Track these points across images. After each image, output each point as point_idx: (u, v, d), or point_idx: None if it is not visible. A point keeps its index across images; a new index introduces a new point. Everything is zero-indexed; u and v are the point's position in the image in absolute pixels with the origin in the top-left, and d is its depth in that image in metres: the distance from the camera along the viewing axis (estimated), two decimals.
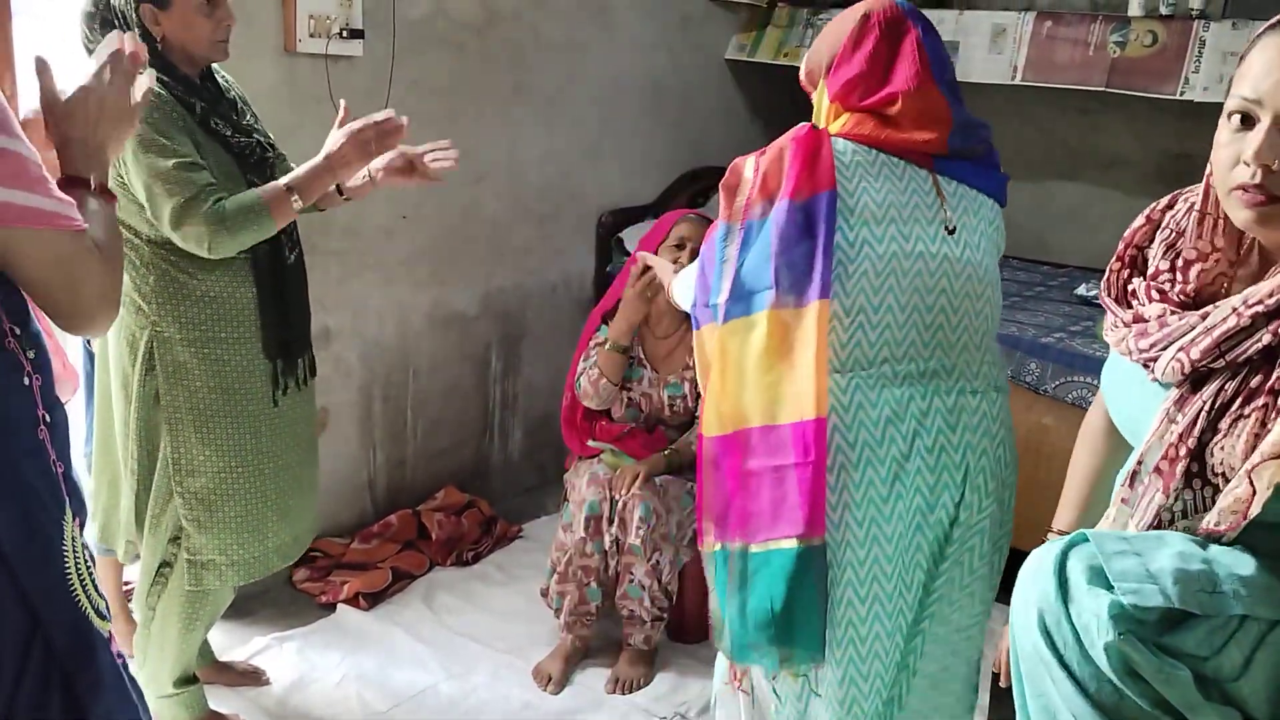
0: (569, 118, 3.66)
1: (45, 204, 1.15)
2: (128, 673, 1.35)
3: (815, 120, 1.78)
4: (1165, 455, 1.18)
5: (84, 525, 1.29)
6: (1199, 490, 1.16)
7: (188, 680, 2.31)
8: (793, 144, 1.67)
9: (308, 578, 3.00)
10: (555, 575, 2.68)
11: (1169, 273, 1.27)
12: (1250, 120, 1.13)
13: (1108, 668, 1.10)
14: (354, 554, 3.11)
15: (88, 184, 1.29)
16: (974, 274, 1.69)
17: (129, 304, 2.07)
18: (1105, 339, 1.35)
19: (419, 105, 3.16)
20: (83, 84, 1.30)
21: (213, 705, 2.37)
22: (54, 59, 1.32)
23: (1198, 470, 1.16)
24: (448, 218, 3.35)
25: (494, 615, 2.93)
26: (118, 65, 1.33)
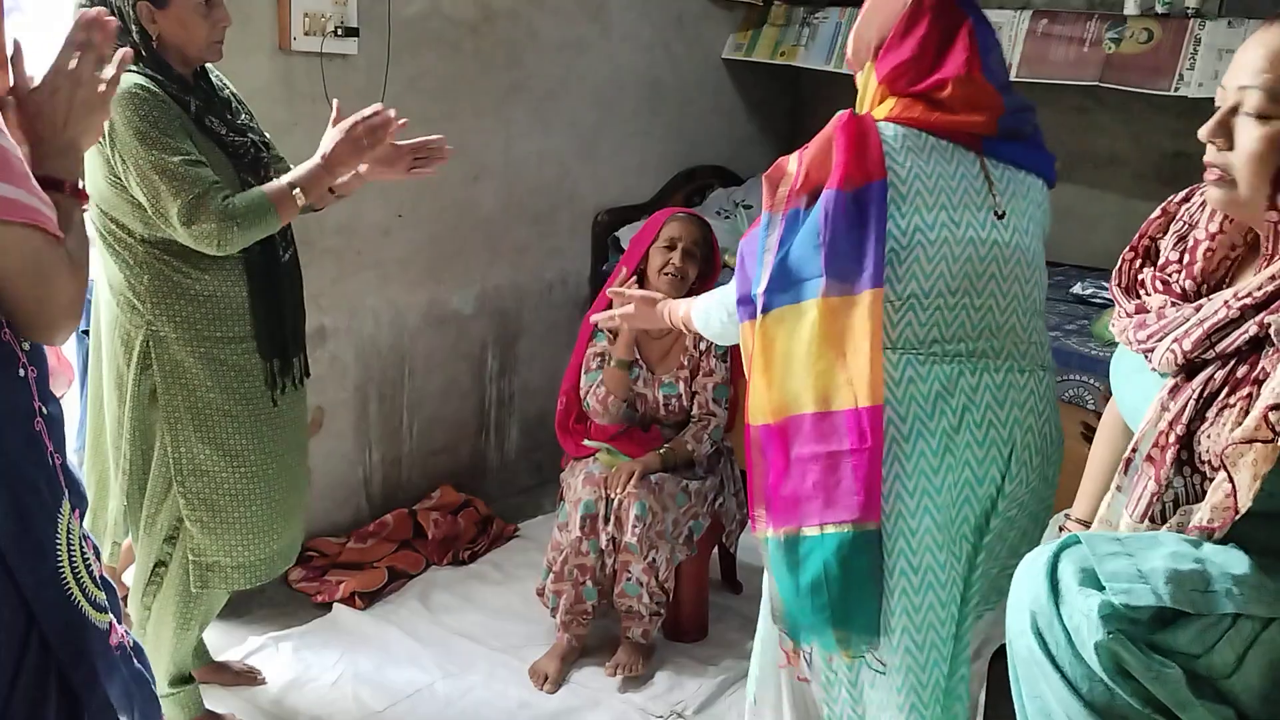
0: (565, 116, 3.65)
1: (27, 199, 1.13)
2: (134, 665, 1.34)
3: (859, 103, 1.77)
4: (1156, 443, 1.20)
5: (84, 517, 1.28)
6: (1189, 478, 1.17)
7: (183, 680, 2.31)
8: (839, 132, 1.67)
9: (303, 577, 3.00)
10: (551, 574, 2.68)
11: (1177, 264, 1.29)
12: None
13: (1098, 667, 1.11)
14: (350, 553, 3.10)
15: (60, 185, 1.25)
16: (1022, 258, 1.71)
17: (124, 303, 2.06)
18: (1104, 334, 1.36)
19: (414, 104, 3.16)
20: (50, 76, 1.25)
21: (208, 705, 2.36)
22: (40, 53, 1.29)
23: (1187, 458, 1.17)
24: (443, 216, 3.34)
25: (490, 614, 2.92)
26: (87, 50, 1.27)
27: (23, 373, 1.19)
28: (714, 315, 1.92)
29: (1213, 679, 1.12)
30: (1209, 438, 1.14)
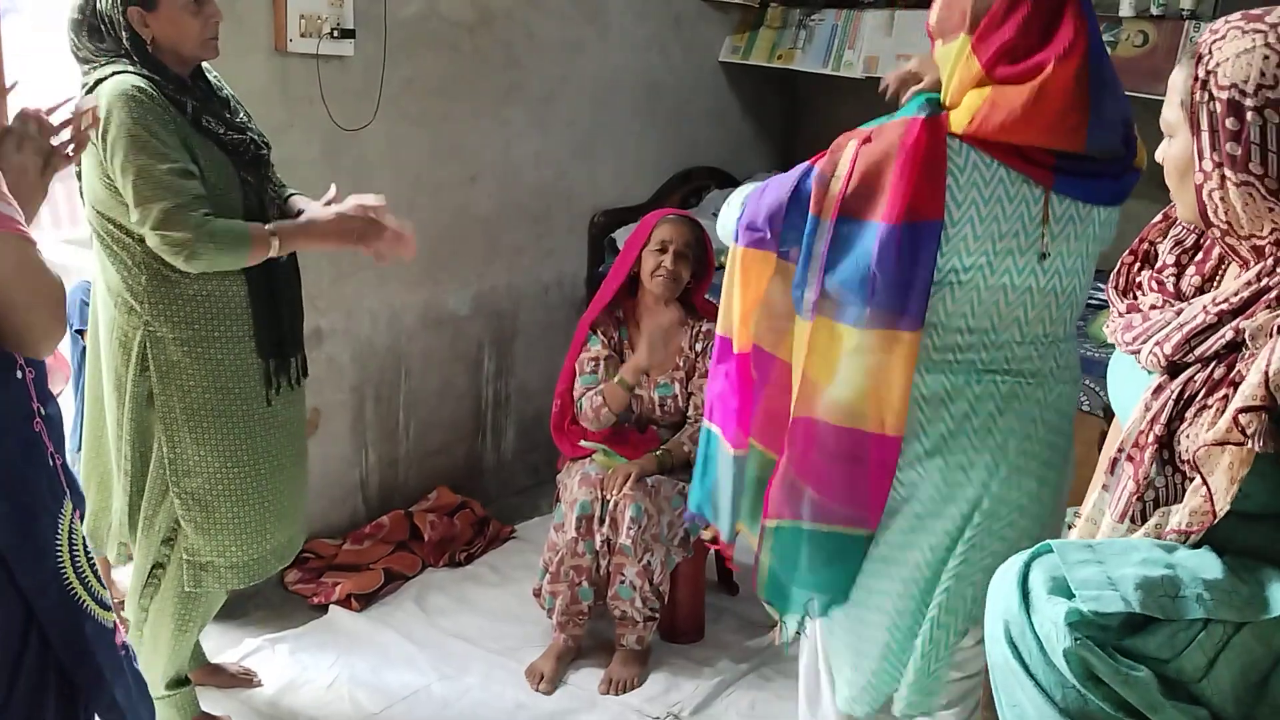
0: (562, 118, 3.65)
1: (6, 209, 1.15)
2: (132, 666, 1.34)
3: (945, 83, 1.68)
4: (1136, 442, 1.22)
5: (84, 516, 1.29)
6: (1170, 477, 1.19)
7: (180, 682, 2.31)
8: (906, 152, 1.62)
9: (299, 579, 2.99)
10: (547, 575, 2.68)
11: (1173, 267, 1.30)
12: None
13: (1069, 674, 1.12)
14: (346, 555, 3.10)
15: None
16: (1054, 300, 1.73)
17: (121, 304, 2.06)
18: (1100, 336, 1.38)
19: (410, 105, 3.16)
20: None
21: (205, 707, 2.36)
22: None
23: (1169, 457, 1.19)
24: (440, 218, 3.34)
25: (487, 616, 2.92)
26: (26, 141, 1.33)
27: (20, 374, 1.20)
28: (730, 223, 1.89)
29: (1184, 683, 1.13)
30: (1188, 437, 1.16)
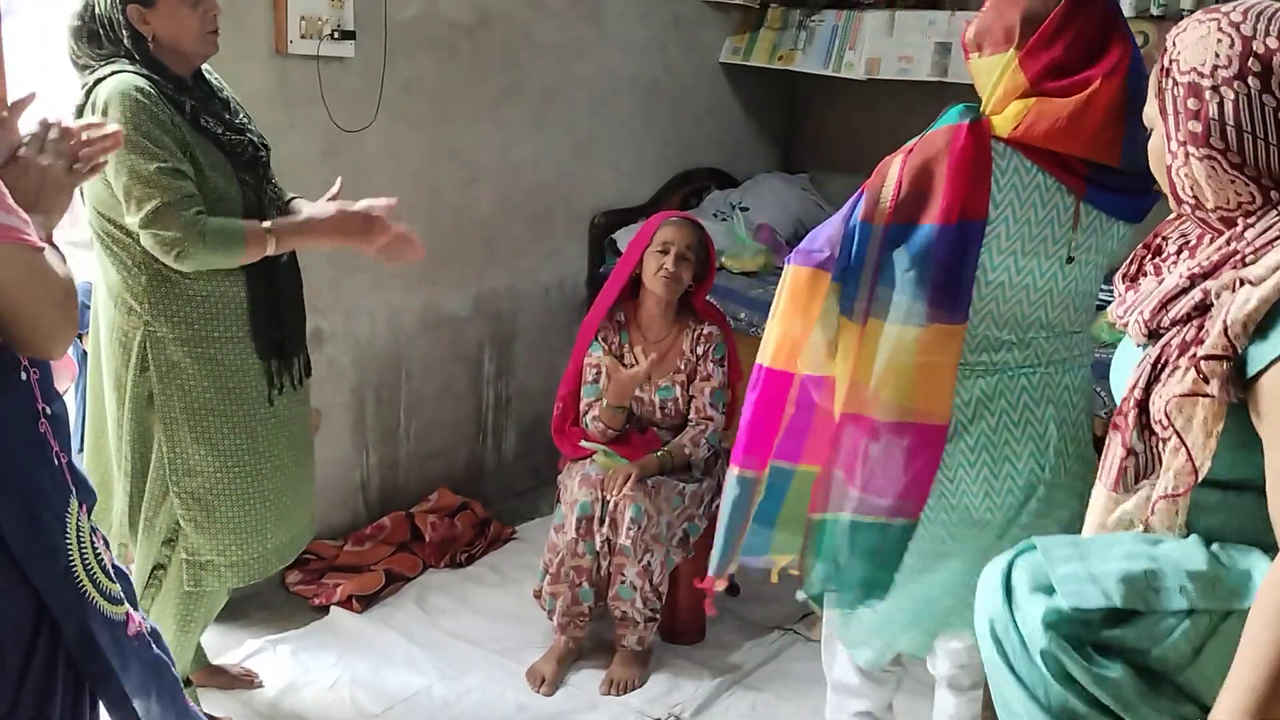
0: (562, 119, 3.65)
1: (9, 219, 1.16)
2: (153, 651, 1.36)
3: (989, 92, 1.73)
4: (1120, 409, 1.24)
5: (91, 511, 1.30)
6: (1148, 441, 1.21)
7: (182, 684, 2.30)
8: (955, 153, 1.67)
9: (301, 580, 2.99)
10: (548, 576, 2.68)
11: (1174, 255, 1.32)
12: None
13: (1046, 673, 1.15)
14: (347, 556, 3.10)
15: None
16: (1073, 299, 1.81)
17: (121, 304, 2.06)
18: (1101, 335, 1.39)
19: (410, 106, 3.16)
20: (22, 161, 1.31)
21: (206, 709, 2.36)
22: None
23: (1145, 422, 1.21)
24: (440, 219, 3.34)
25: (488, 617, 2.92)
26: (46, 139, 1.34)
27: (24, 375, 1.21)
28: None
29: (1168, 673, 1.15)
30: (1160, 397, 1.17)
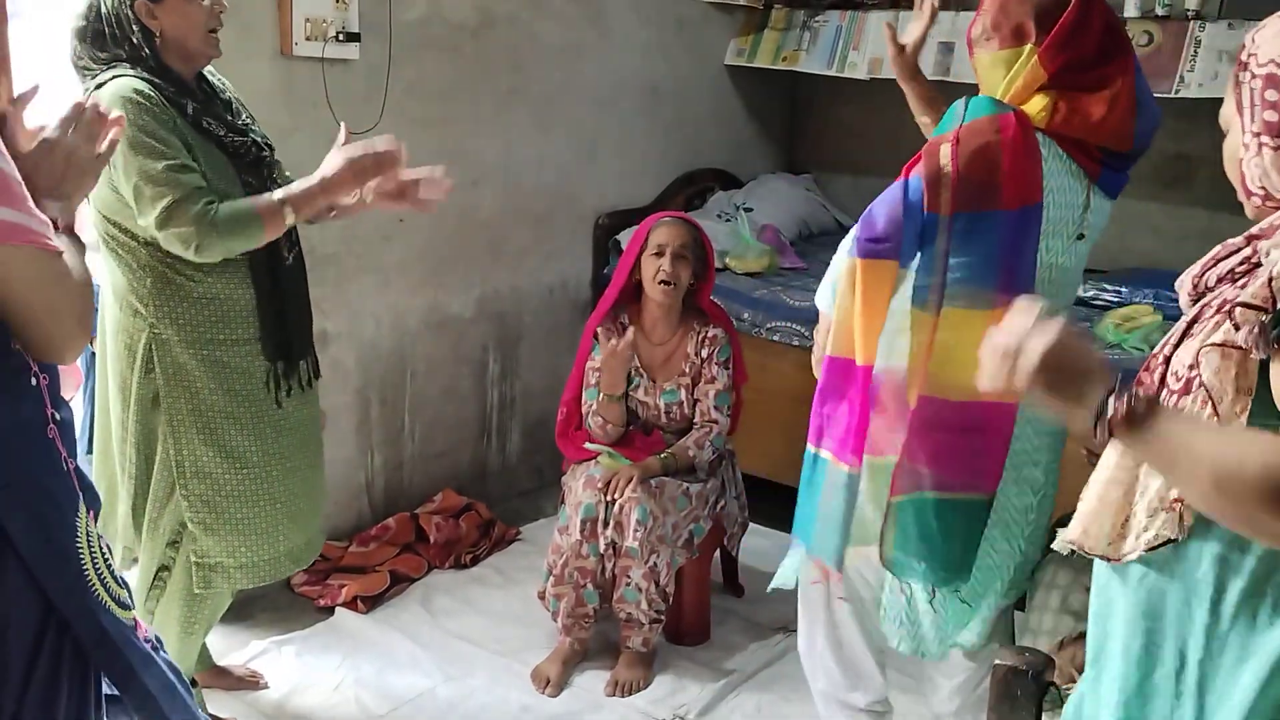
0: (566, 120, 3.66)
1: (27, 221, 1.15)
2: (164, 654, 1.37)
3: (1007, 87, 1.81)
4: (1146, 365, 1.22)
5: (97, 516, 1.30)
6: (1166, 400, 1.17)
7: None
8: (1010, 144, 1.74)
9: (305, 581, 3.00)
10: (552, 578, 2.68)
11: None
12: None
13: None
14: (352, 557, 3.10)
15: (55, 224, 1.28)
16: (1071, 276, 1.92)
17: (126, 307, 2.07)
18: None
19: (415, 108, 3.16)
20: (48, 138, 1.30)
21: (211, 709, 2.36)
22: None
23: (1165, 378, 1.18)
24: (444, 221, 3.34)
25: (492, 618, 2.92)
26: (80, 120, 1.33)
27: (34, 381, 1.21)
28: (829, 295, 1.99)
29: None
30: (1185, 350, 1.14)
